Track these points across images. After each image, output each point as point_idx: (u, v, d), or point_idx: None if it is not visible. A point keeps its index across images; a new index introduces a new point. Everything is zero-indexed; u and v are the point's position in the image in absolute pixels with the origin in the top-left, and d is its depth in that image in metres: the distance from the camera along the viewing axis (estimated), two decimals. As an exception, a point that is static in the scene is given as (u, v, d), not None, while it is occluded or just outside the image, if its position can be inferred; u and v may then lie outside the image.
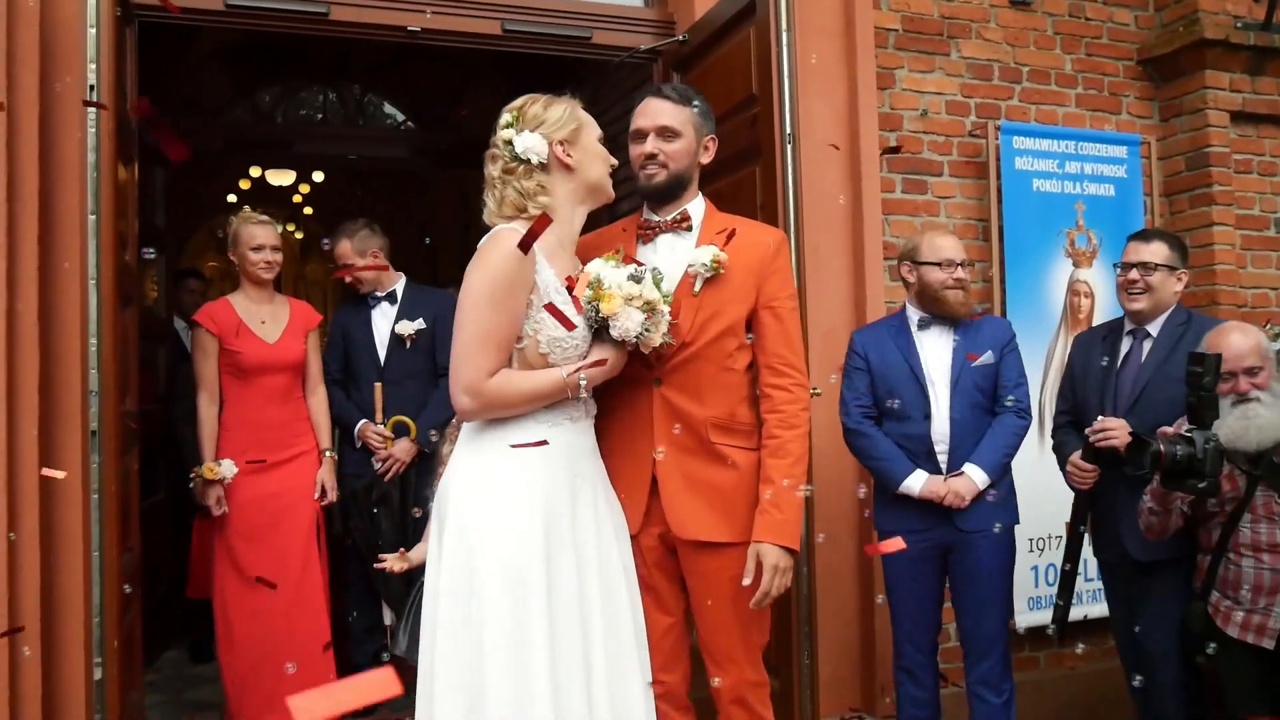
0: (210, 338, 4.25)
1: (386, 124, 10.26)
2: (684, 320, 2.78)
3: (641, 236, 2.92)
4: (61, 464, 3.67)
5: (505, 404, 2.52)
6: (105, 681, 3.41)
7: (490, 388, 2.49)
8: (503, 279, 2.49)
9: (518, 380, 2.52)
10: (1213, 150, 5.15)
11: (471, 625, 2.45)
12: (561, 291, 2.58)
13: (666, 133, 2.87)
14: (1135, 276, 3.73)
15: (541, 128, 2.66)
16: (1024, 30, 5.09)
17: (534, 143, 2.64)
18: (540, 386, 2.53)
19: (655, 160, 2.87)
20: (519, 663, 2.42)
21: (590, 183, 2.72)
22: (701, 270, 2.80)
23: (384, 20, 4.33)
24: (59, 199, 3.72)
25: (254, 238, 4.34)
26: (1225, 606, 3.42)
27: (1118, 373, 3.77)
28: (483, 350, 2.48)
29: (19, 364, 3.58)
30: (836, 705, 4.43)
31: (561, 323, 2.54)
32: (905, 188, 4.82)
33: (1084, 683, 4.87)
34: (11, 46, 3.61)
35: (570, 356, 2.57)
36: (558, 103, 2.71)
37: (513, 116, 2.69)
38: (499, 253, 2.51)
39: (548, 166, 2.66)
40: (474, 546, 2.48)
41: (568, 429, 2.62)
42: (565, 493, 2.58)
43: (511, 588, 2.45)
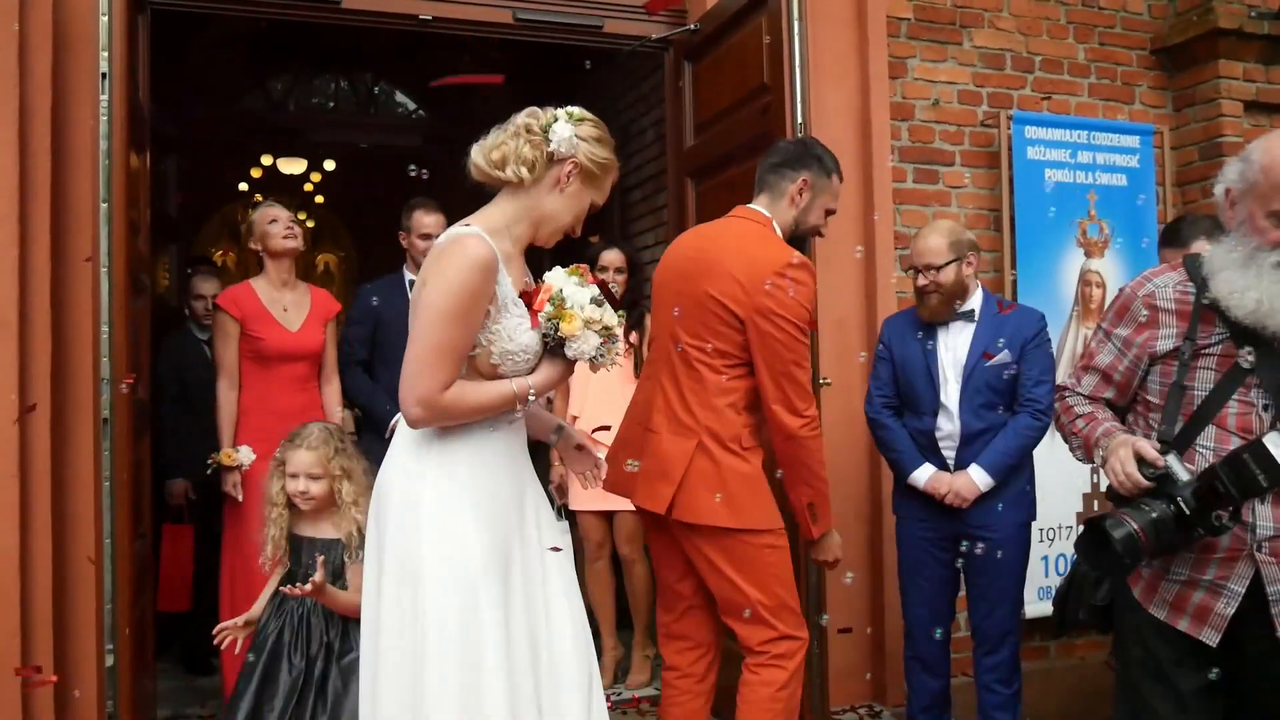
0: (232, 321, 4.24)
1: (398, 112, 10.28)
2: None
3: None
4: (73, 451, 3.70)
5: (456, 416, 2.46)
6: (117, 668, 3.43)
7: (444, 400, 2.42)
8: (468, 293, 2.41)
9: (470, 393, 2.45)
10: (1226, 140, 5.12)
11: (417, 628, 2.41)
12: (519, 304, 2.52)
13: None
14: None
15: (583, 144, 2.55)
16: (1037, 19, 5.07)
17: (567, 138, 2.53)
18: (491, 399, 2.48)
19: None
20: (468, 662, 2.38)
21: (548, 218, 2.59)
22: None
23: (396, 9, 4.34)
24: (71, 187, 3.73)
25: (268, 214, 4.35)
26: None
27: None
28: (441, 363, 2.41)
29: (32, 351, 3.60)
30: (846, 696, 4.45)
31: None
32: (917, 177, 4.81)
33: (1093, 672, 4.88)
34: (24, 34, 3.63)
35: (520, 369, 2.53)
36: (609, 151, 2.61)
37: (575, 116, 2.58)
38: (467, 264, 2.41)
39: (550, 165, 2.55)
40: (421, 550, 2.43)
41: (506, 431, 2.58)
42: (512, 491, 2.57)
43: (462, 588, 2.41)
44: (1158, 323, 2.50)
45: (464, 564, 2.42)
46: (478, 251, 2.41)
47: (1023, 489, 3.74)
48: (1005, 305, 3.82)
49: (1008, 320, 3.74)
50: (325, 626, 3.11)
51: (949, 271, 3.69)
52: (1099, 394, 2.65)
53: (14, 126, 3.58)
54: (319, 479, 3.16)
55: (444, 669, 2.37)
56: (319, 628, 3.10)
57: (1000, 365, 3.68)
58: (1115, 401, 2.65)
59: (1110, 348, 2.60)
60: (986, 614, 3.74)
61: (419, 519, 2.46)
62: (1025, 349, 3.70)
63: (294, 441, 3.21)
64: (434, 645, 2.38)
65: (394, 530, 2.49)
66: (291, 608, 3.12)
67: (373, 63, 9.62)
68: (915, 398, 3.76)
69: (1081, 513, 4.85)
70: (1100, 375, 2.64)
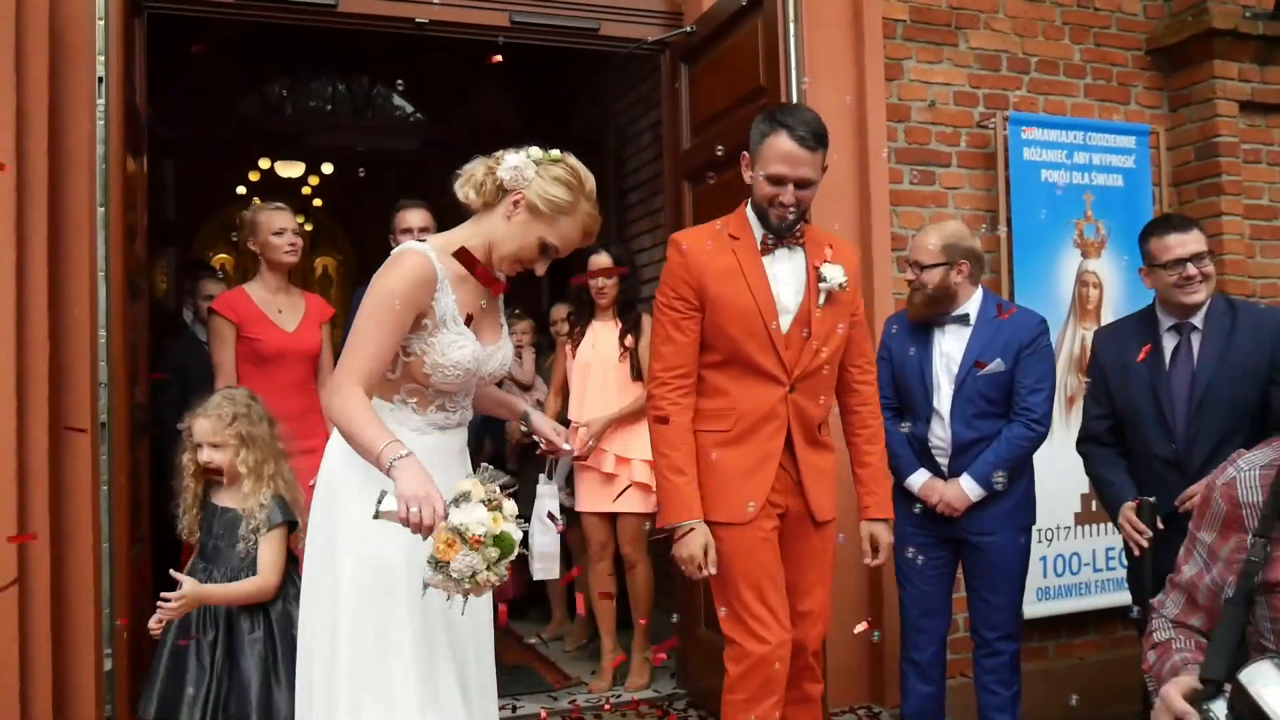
0: (228, 325, 4.25)
1: (395, 115, 10.28)
2: (817, 330, 3.07)
3: (763, 249, 3.11)
4: (71, 456, 3.70)
5: (342, 418, 2.47)
6: (115, 672, 3.43)
7: (346, 397, 2.45)
8: (397, 300, 2.49)
9: (358, 413, 2.43)
10: (1221, 140, 5.13)
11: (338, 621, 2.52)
12: (458, 321, 2.58)
13: (805, 184, 3.03)
14: (1193, 271, 3.42)
15: (537, 181, 2.58)
16: (1032, 20, 5.08)
17: (519, 164, 2.58)
18: (364, 435, 2.40)
19: (790, 208, 3.04)
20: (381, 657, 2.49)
21: (496, 245, 2.62)
22: (835, 288, 3.09)
23: (392, 12, 4.35)
24: (68, 191, 3.74)
25: (274, 222, 4.33)
26: None
27: (1168, 376, 3.50)
28: (362, 358, 2.49)
29: (29, 355, 3.60)
30: (846, 697, 4.45)
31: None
32: (913, 179, 4.82)
33: (1093, 672, 4.88)
34: (21, 38, 3.63)
35: (450, 383, 2.58)
36: (569, 193, 2.60)
37: (548, 156, 2.63)
38: (402, 274, 2.51)
39: (501, 194, 2.60)
40: (344, 547, 2.54)
41: (437, 437, 2.65)
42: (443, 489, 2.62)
43: (380, 584, 2.51)
44: (1242, 523, 1.99)
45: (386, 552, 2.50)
46: (415, 264, 2.53)
47: (1022, 493, 3.73)
48: (1005, 309, 3.76)
49: (1004, 325, 3.69)
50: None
51: (935, 274, 3.67)
52: (1184, 619, 2.12)
53: (11, 130, 3.58)
54: (219, 447, 3.17)
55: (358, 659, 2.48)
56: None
57: (994, 373, 3.64)
58: (1204, 629, 2.08)
59: (1195, 559, 2.10)
60: (985, 617, 3.73)
61: (344, 514, 2.55)
62: (1020, 355, 3.65)
63: (195, 410, 3.24)
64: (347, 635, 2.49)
65: (321, 516, 2.61)
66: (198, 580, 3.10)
67: (370, 65, 9.63)
68: (910, 402, 3.76)
69: (1080, 514, 4.86)
70: (1185, 595, 2.12)
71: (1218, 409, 3.39)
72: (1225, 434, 3.36)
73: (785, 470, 3.08)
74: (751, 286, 3.04)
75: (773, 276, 3.08)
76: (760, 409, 3.05)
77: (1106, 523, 4.85)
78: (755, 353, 3.03)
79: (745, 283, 3.04)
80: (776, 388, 3.05)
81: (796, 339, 3.05)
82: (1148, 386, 3.50)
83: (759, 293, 3.04)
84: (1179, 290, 3.45)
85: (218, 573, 3.14)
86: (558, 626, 5.92)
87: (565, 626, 5.88)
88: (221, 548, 3.15)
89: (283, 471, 3.24)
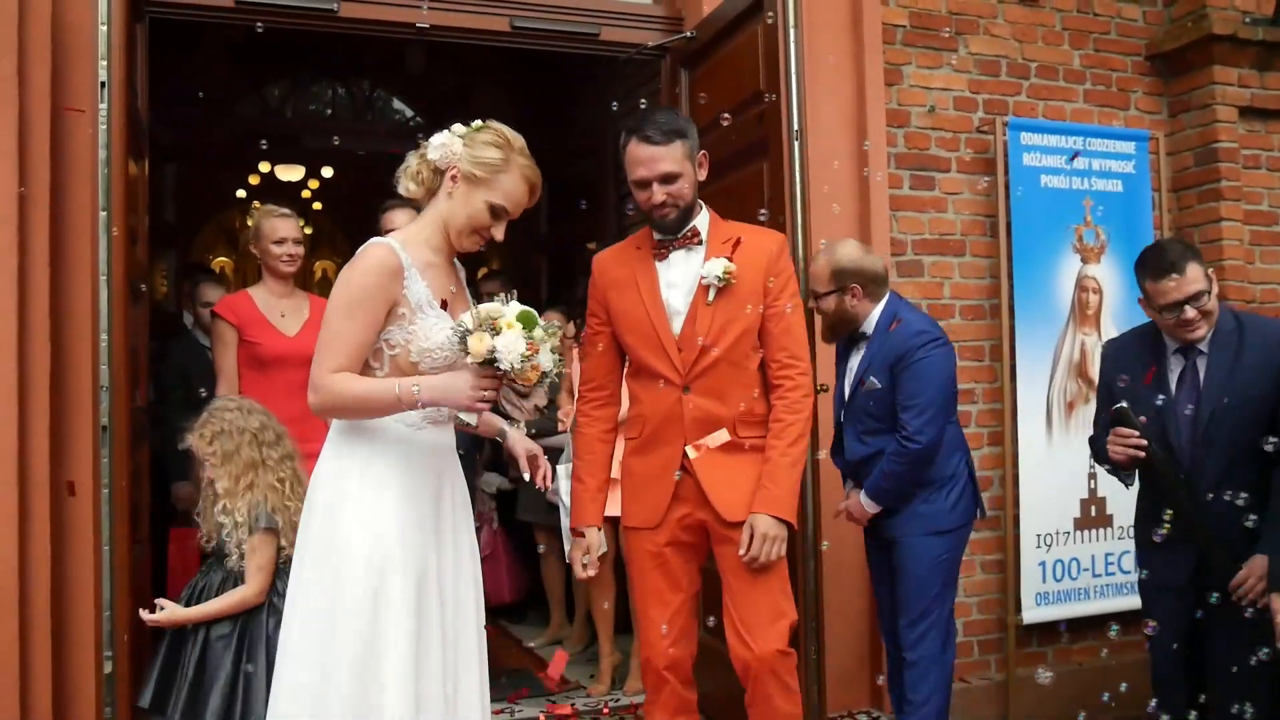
0: (229, 328, 4.26)
1: (395, 119, 10.28)
2: (702, 327, 3.06)
3: (656, 255, 3.15)
4: (72, 459, 3.71)
5: (340, 404, 2.59)
6: (115, 675, 3.43)
7: (329, 384, 2.55)
8: (363, 290, 2.57)
9: (353, 383, 2.56)
10: (1221, 146, 5.14)
11: (334, 619, 2.55)
12: (434, 304, 2.64)
13: (668, 178, 3.06)
14: (1192, 315, 3.31)
15: (465, 150, 2.68)
16: (1031, 26, 5.09)
17: (447, 147, 2.70)
18: (371, 393, 2.56)
19: (664, 205, 3.08)
20: (372, 657, 2.52)
21: (447, 222, 2.72)
22: (715, 282, 3.05)
23: (392, 17, 4.34)
24: (70, 195, 3.74)
25: (276, 231, 4.34)
26: None
27: (1174, 402, 3.42)
28: (331, 351, 2.57)
29: (30, 359, 3.61)
30: (843, 701, 4.45)
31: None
32: (913, 184, 4.83)
33: (1091, 678, 4.88)
34: (23, 43, 3.64)
35: (438, 367, 2.62)
36: (499, 151, 2.69)
37: (474, 126, 2.75)
38: (367, 266, 2.59)
39: (438, 176, 2.72)
40: (339, 544, 2.59)
41: (429, 431, 2.70)
42: (428, 491, 2.70)
43: (374, 585, 2.55)
44: None
45: (380, 556, 2.56)
46: (378, 255, 2.61)
47: (934, 501, 3.67)
48: (896, 321, 3.68)
49: (888, 341, 3.65)
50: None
51: (829, 301, 3.73)
52: None
53: (13, 135, 3.59)
54: (204, 463, 3.31)
55: (350, 656, 2.52)
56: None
57: (874, 390, 3.62)
58: None
59: None
60: (901, 621, 3.72)
61: (340, 512, 2.61)
62: (895, 371, 3.59)
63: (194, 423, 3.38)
64: (342, 633, 2.53)
65: (318, 521, 2.65)
66: (197, 583, 3.30)
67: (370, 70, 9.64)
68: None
69: (1079, 519, 4.86)
70: None
71: (1225, 435, 3.33)
72: (1233, 457, 3.32)
73: (689, 475, 3.11)
74: (643, 293, 3.12)
75: (666, 282, 3.14)
76: (659, 412, 3.12)
77: (1106, 527, 4.86)
78: (650, 357, 3.12)
79: (638, 291, 3.12)
80: (671, 389, 3.10)
81: (690, 339, 3.08)
82: (1154, 411, 3.43)
83: (648, 297, 3.11)
84: (1179, 329, 3.38)
85: (214, 577, 3.28)
86: (556, 630, 5.92)
87: (564, 630, 5.88)
88: (223, 554, 3.28)
89: (267, 480, 3.29)
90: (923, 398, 3.56)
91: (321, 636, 2.55)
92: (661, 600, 3.14)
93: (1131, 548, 4.73)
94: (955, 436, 3.75)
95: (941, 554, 3.68)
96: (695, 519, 3.13)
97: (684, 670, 3.20)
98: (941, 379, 3.62)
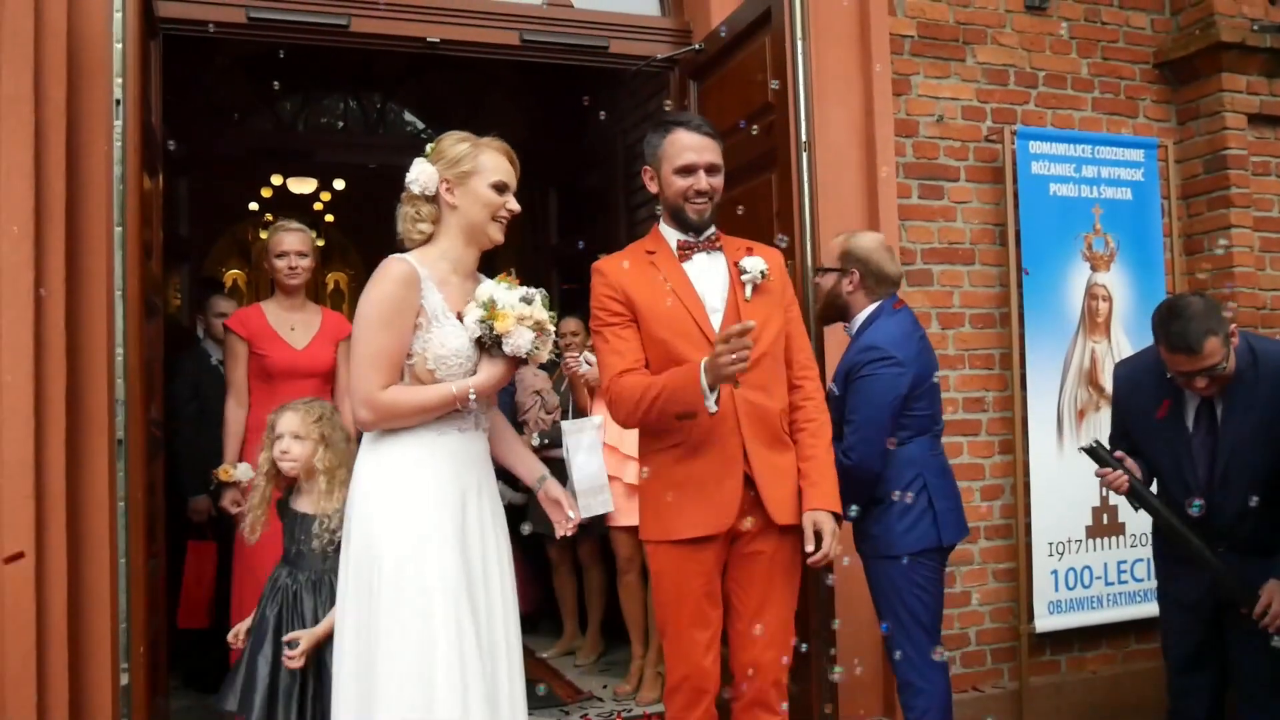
0: (240, 341, 4.30)
1: (407, 131, 10.32)
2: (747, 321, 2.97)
3: (681, 256, 3.14)
4: (88, 472, 3.73)
5: (398, 415, 2.74)
6: (132, 686, 3.45)
7: (384, 400, 2.71)
8: (389, 303, 2.74)
9: (409, 393, 2.74)
10: (1230, 153, 5.15)
11: (371, 626, 2.65)
12: (449, 314, 2.78)
13: (714, 170, 3.12)
14: (1202, 384, 3.30)
15: (439, 163, 2.84)
16: (1039, 35, 5.10)
17: (422, 173, 2.84)
18: (429, 399, 2.74)
19: (706, 197, 3.11)
20: (417, 658, 2.60)
21: (469, 224, 2.87)
22: (756, 278, 3.10)
23: (403, 32, 4.38)
24: (86, 210, 3.77)
25: (279, 244, 4.37)
26: None
27: (1189, 441, 3.43)
28: (375, 367, 2.72)
29: (46, 373, 3.64)
30: (856, 709, 4.44)
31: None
32: (922, 193, 4.84)
33: (1104, 687, 4.88)
34: (39, 60, 3.67)
35: (455, 373, 2.77)
36: (465, 144, 2.86)
37: (430, 147, 2.88)
38: (387, 279, 2.75)
39: (435, 199, 2.86)
40: (376, 552, 2.68)
41: (455, 438, 2.82)
42: (455, 499, 2.77)
43: (410, 589, 2.64)
44: None
45: (414, 566, 2.65)
46: (396, 268, 2.76)
47: (883, 521, 3.51)
48: (865, 327, 3.59)
49: (851, 348, 3.58)
50: (315, 604, 3.19)
51: (828, 278, 3.68)
52: None
53: (30, 151, 3.62)
54: (301, 439, 3.27)
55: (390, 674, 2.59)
56: (310, 605, 3.19)
57: (835, 396, 3.51)
58: None
59: None
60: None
61: (372, 527, 2.71)
62: (846, 382, 3.50)
63: (283, 407, 3.38)
64: (383, 651, 2.62)
65: (356, 536, 2.75)
66: (285, 585, 3.24)
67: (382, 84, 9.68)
68: None
69: (1091, 527, 4.86)
70: None
71: (1242, 476, 3.34)
72: (1251, 491, 3.32)
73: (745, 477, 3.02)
74: (676, 290, 3.07)
75: (695, 279, 3.11)
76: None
77: (1118, 535, 4.86)
78: (690, 352, 2.96)
79: (670, 287, 3.08)
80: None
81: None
82: (1170, 447, 3.43)
83: (684, 294, 3.07)
84: (1190, 388, 3.37)
85: (301, 575, 3.25)
86: (569, 641, 5.93)
87: (577, 641, 5.89)
88: (304, 552, 3.24)
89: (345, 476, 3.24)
90: (859, 414, 3.43)
91: (369, 645, 2.64)
92: (705, 620, 3.02)
93: (1144, 556, 4.75)
94: (913, 455, 3.51)
95: (896, 581, 3.50)
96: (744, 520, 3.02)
97: (718, 687, 3.09)
98: (882, 400, 3.42)
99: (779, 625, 3.07)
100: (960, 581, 4.76)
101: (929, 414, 3.58)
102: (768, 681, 3.05)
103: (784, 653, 3.08)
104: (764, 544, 3.04)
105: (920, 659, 3.51)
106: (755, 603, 3.06)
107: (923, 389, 3.53)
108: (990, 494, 4.86)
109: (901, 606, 3.50)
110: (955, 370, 4.81)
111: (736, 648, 3.10)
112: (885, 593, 3.54)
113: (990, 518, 4.86)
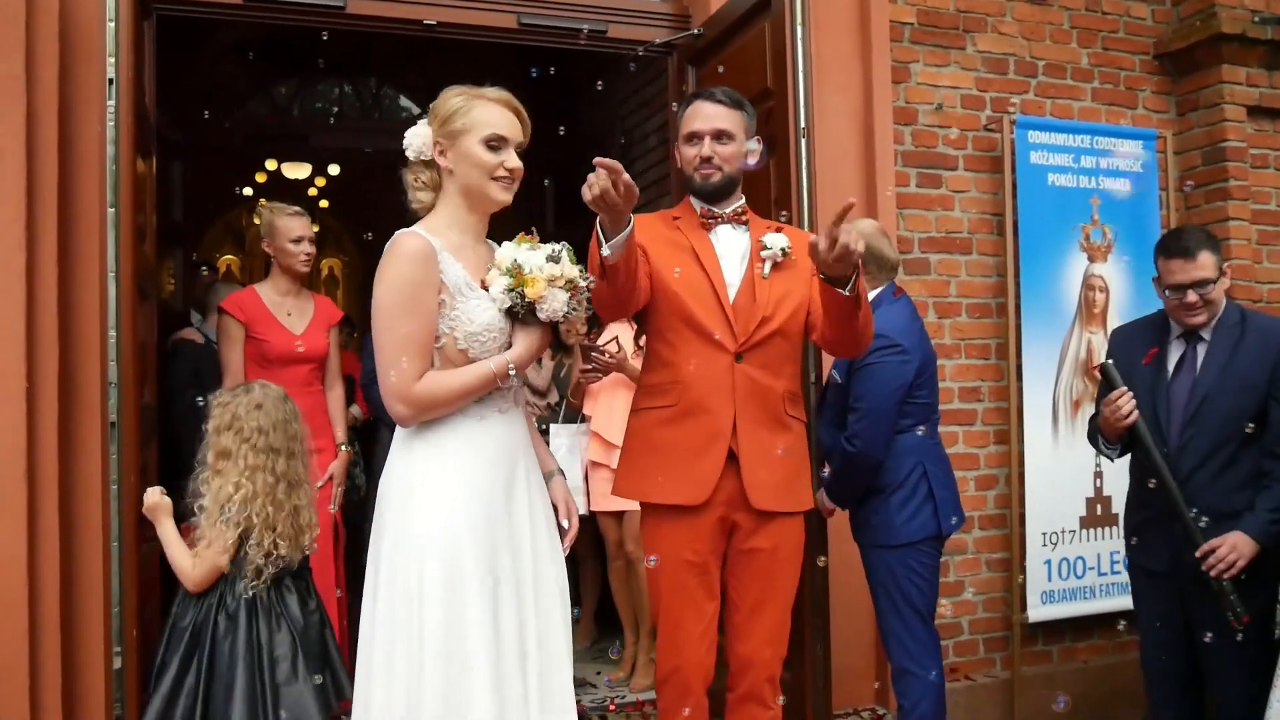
0: (237, 325, 4.27)
1: (402, 116, 10.29)
2: (761, 297, 3.00)
3: (704, 226, 3.09)
4: (81, 455, 3.71)
5: (437, 403, 2.51)
6: (125, 671, 3.44)
7: (420, 390, 2.48)
8: (407, 284, 2.50)
9: (446, 379, 2.51)
10: (1229, 145, 5.14)
11: (412, 622, 2.45)
12: (473, 286, 2.57)
13: (722, 136, 3.06)
14: (1194, 299, 3.38)
15: (434, 124, 2.64)
16: (1040, 24, 5.08)
17: (417, 136, 2.65)
18: (469, 381, 2.52)
19: (710, 163, 3.05)
20: (459, 656, 2.43)
21: (467, 188, 2.63)
22: (777, 255, 3.04)
23: (400, 14, 4.35)
24: (78, 192, 3.75)
25: (292, 230, 4.34)
26: None
27: (1169, 384, 3.48)
28: (404, 356, 2.48)
29: (39, 356, 3.62)
30: (849, 698, 4.45)
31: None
32: (920, 182, 4.82)
33: (1096, 677, 4.89)
34: (31, 41, 3.65)
35: (489, 349, 2.55)
36: (459, 98, 2.65)
37: (432, 106, 2.69)
38: (402, 257, 2.51)
39: (434, 167, 2.66)
40: (416, 546, 2.48)
41: (496, 420, 2.60)
42: (501, 487, 2.58)
43: (452, 583, 2.45)
44: None
45: (450, 553, 2.46)
46: (409, 244, 2.52)
47: (882, 511, 3.53)
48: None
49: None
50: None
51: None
52: None
53: (21, 133, 3.60)
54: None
55: (435, 670, 2.42)
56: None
57: (838, 385, 3.54)
58: None
59: None
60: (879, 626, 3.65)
61: (411, 520, 2.50)
62: (850, 370, 3.50)
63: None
64: (429, 646, 2.43)
65: (391, 529, 2.54)
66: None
67: (377, 67, 9.64)
68: None
69: (1085, 517, 4.86)
70: None
71: (1212, 421, 3.38)
72: (1217, 444, 3.37)
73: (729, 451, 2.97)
74: (699, 255, 3.03)
75: (718, 251, 3.07)
76: (706, 378, 2.95)
77: (1112, 526, 4.86)
78: (704, 317, 2.96)
79: (691, 253, 3.03)
80: (722, 356, 2.96)
81: (746, 309, 2.99)
82: (1148, 390, 3.49)
83: (706, 260, 3.03)
84: (1179, 311, 3.44)
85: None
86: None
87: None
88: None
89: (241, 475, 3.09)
90: (864, 403, 3.44)
91: (405, 645, 2.46)
92: (699, 611, 2.98)
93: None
94: (914, 444, 3.54)
95: (895, 570, 3.53)
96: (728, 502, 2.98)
97: (710, 679, 3.05)
98: (888, 388, 3.45)
99: (776, 622, 3.05)
100: (954, 571, 4.76)
101: (929, 402, 3.59)
102: (762, 677, 3.04)
103: (780, 649, 3.06)
104: (763, 540, 3.01)
105: (915, 647, 3.53)
106: (753, 598, 3.04)
107: (924, 377, 3.55)
108: (985, 484, 4.86)
109: (899, 595, 3.52)
110: (951, 360, 4.80)
111: (732, 639, 3.09)
112: (883, 581, 3.56)
113: (984, 507, 4.86)
